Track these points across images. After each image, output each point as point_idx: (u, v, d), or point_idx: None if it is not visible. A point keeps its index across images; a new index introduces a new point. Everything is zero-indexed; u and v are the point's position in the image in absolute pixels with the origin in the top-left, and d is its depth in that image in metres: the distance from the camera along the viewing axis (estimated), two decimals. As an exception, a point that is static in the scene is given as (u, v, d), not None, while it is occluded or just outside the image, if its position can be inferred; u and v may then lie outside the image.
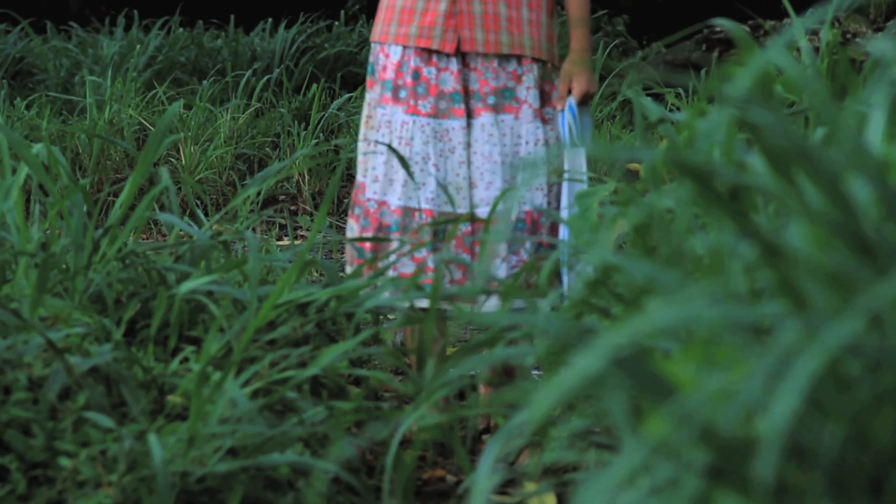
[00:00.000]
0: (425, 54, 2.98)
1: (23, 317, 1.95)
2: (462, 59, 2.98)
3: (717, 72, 1.63)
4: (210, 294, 2.17)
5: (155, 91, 6.60)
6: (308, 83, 7.20)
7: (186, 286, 2.08)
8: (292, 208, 6.00)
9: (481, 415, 2.66)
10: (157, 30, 7.91)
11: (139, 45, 7.43)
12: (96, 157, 5.92)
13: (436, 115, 2.96)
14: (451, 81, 2.96)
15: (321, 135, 6.41)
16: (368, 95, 3.10)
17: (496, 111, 2.96)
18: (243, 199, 5.15)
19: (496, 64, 2.97)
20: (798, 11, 2.21)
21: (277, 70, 7.28)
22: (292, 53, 7.62)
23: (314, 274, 4.09)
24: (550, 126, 3.00)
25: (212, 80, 7.05)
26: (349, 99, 6.66)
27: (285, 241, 5.35)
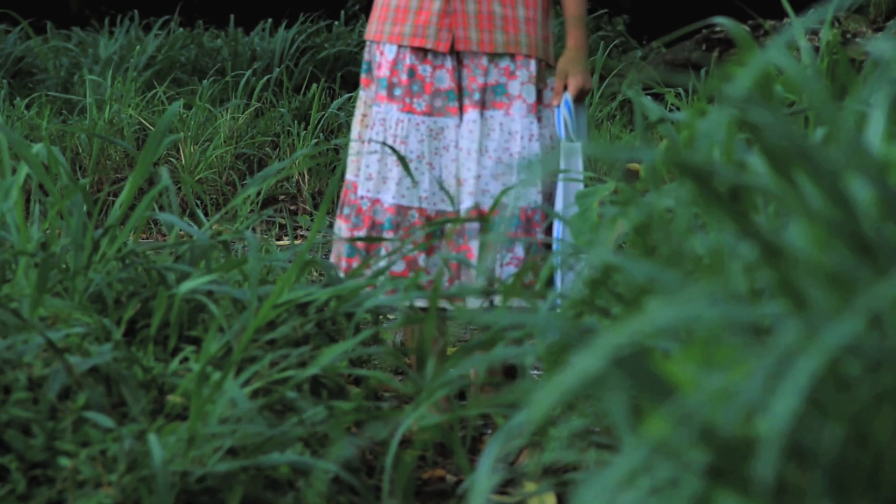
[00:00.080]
0: (420, 52, 2.97)
1: (23, 317, 1.95)
2: (457, 58, 2.97)
3: (717, 71, 1.63)
4: (210, 294, 2.17)
5: (155, 91, 6.60)
6: (308, 83, 7.20)
7: (186, 286, 2.08)
8: (292, 208, 6.00)
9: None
10: (156, 30, 7.91)
11: (139, 45, 7.43)
12: (96, 157, 5.92)
13: (431, 113, 2.95)
14: (447, 79, 2.95)
15: (321, 135, 6.41)
16: (363, 94, 3.09)
17: (482, 107, 2.94)
18: (243, 199, 5.15)
19: (486, 61, 2.96)
20: (798, 11, 2.21)
21: (277, 70, 7.28)
22: (292, 53, 7.62)
23: (314, 274, 4.09)
24: (544, 123, 2.99)
25: (212, 80, 7.05)
26: (349, 99, 6.65)
27: (285, 241, 5.35)
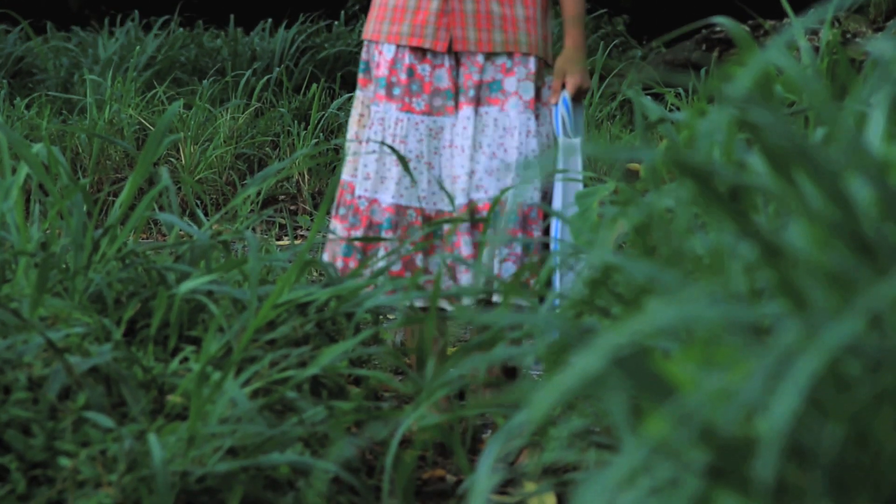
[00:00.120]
0: (419, 52, 2.97)
1: (23, 317, 1.95)
2: (455, 57, 2.97)
3: (717, 71, 1.63)
4: (210, 294, 2.17)
5: (155, 91, 6.60)
6: (308, 83, 7.19)
7: (186, 286, 2.08)
8: (292, 208, 6.00)
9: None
10: (156, 30, 7.91)
11: (139, 45, 7.42)
12: (96, 157, 5.91)
13: (430, 112, 2.95)
14: (446, 79, 2.95)
15: (321, 135, 6.41)
16: (361, 93, 3.08)
17: (477, 104, 2.94)
18: (243, 199, 5.15)
19: (482, 58, 2.95)
20: (798, 11, 2.21)
21: (277, 70, 7.27)
22: (292, 53, 7.62)
23: (314, 274, 4.09)
24: (542, 121, 2.98)
25: (212, 80, 7.05)
26: (349, 99, 6.65)
27: (285, 241, 5.35)
